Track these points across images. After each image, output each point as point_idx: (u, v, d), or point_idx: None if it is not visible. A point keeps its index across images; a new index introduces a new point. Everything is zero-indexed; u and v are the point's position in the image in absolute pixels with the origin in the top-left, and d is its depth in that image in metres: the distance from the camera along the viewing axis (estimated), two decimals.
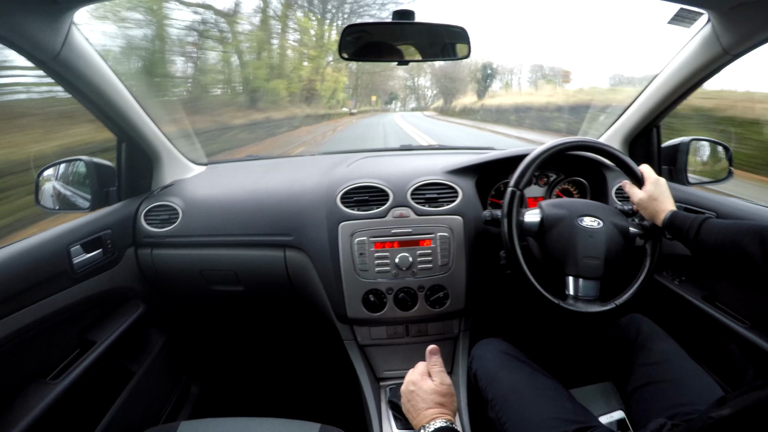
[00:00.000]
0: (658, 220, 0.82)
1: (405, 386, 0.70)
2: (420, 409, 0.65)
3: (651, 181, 0.85)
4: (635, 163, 0.88)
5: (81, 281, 0.91)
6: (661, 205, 0.82)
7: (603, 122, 1.36)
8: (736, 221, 0.72)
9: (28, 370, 0.80)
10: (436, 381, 0.68)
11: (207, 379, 1.49)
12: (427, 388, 0.67)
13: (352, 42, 0.88)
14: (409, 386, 0.69)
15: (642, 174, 0.86)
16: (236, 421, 0.76)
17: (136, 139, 1.10)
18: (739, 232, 0.68)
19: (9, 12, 0.67)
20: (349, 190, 1.05)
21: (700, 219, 0.75)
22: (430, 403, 0.65)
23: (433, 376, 0.69)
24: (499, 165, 1.11)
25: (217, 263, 1.10)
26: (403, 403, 0.70)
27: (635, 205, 0.87)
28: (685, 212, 0.79)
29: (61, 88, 0.89)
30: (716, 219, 0.75)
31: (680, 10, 0.87)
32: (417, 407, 0.66)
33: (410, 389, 0.69)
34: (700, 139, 1.16)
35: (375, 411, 1.02)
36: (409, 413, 0.67)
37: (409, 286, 1.01)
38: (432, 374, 0.70)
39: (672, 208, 0.82)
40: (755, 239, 0.65)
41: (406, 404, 0.69)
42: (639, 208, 0.86)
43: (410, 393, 0.68)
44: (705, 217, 0.75)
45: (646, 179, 0.86)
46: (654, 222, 0.84)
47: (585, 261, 0.83)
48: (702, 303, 0.95)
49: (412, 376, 0.71)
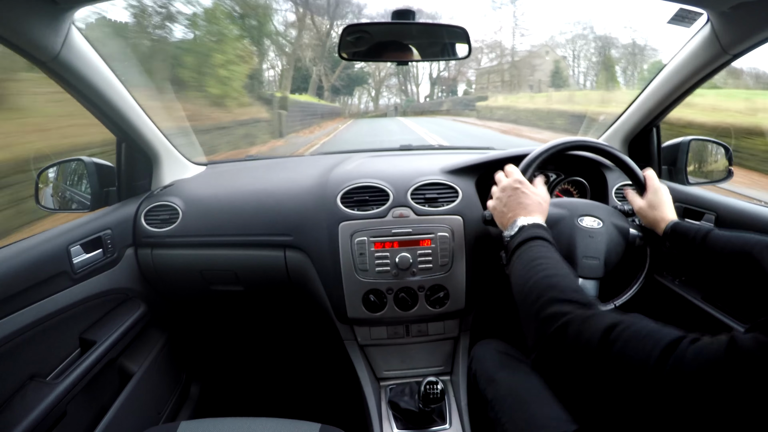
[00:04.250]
0: (658, 229, 0.83)
1: (508, 183, 0.76)
2: (523, 205, 0.72)
3: (653, 189, 0.85)
4: (636, 163, 0.88)
5: (81, 281, 0.91)
6: (661, 214, 0.82)
7: (603, 122, 1.36)
8: (741, 234, 0.72)
9: (27, 370, 0.80)
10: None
11: (207, 379, 1.49)
12: (536, 192, 0.75)
13: (353, 42, 0.88)
14: (513, 183, 0.76)
15: (645, 180, 0.87)
16: (236, 421, 0.76)
17: (135, 140, 1.10)
18: (747, 243, 0.69)
19: (9, 12, 0.67)
20: (349, 190, 1.05)
21: (704, 229, 0.75)
22: (533, 204, 0.72)
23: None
24: (499, 165, 1.11)
25: (217, 263, 1.10)
26: (500, 197, 0.76)
27: (636, 212, 0.87)
28: (688, 223, 0.79)
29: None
30: (719, 231, 0.75)
31: (680, 9, 0.87)
32: (519, 202, 0.73)
33: (515, 186, 0.75)
34: (700, 139, 1.16)
35: (375, 411, 1.02)
36: (507, 206, 0.74)
37: (409, 286, 1.01)
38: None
39: (673, 218, 0.82)
40: (766, 250, 0.65)
41: (507, 200, 0.75)
42: (639, 215, 0.86)
43: (514, 190, 0.75)
44: (709, 228, 0.76)
45: (648, 187, 0.86)
46: (654, 230, 0.84)
47: (585, 261, 0.83)
48: (702, 303, 0.95)
49: (514, 176, 0.78)
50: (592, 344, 0.43)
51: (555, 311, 0.49)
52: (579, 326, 0.45)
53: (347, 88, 30.27)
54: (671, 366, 0.37)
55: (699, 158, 1.18)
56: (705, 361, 0.35)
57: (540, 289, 0.54)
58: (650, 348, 0.39)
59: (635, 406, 0.39)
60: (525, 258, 0.62)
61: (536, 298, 0.53)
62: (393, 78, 34.95)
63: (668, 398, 0.36)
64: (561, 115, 13.50)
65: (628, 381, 0.39)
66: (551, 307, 0.50)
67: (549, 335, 0.47)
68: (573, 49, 27.46)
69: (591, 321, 0.45)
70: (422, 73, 36.49)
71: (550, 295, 0.52)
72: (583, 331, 0.45)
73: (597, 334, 0.43)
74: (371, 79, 33.24)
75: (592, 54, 26.31)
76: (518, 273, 0.60)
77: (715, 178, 1.15)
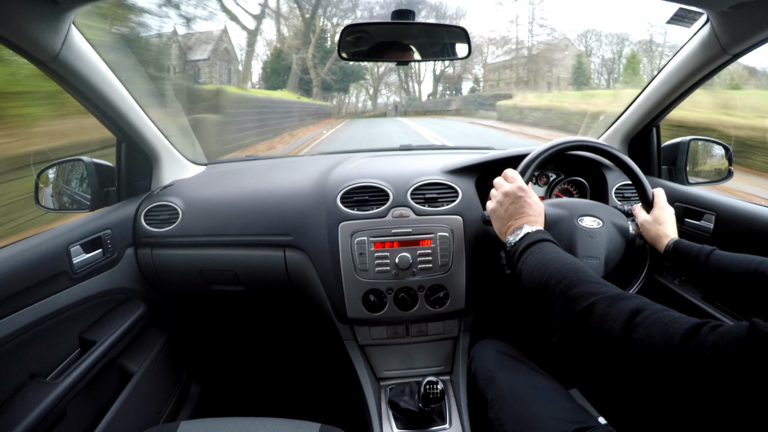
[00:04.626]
0: (659, 245, 0.83)
1: (511, 189, 0.76)
2: (526, 214, 0.73)
3: (660, 206, 0.86)
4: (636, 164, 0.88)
5: (81, 281, 0.91)
6: (664, 230, 0.83)
7: (603, 122, 1.36)
8: (745, 255, 0.72)
9: (27, 370, 0.80)
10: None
11: (207, 379, 1.49)
12: (537, 202, 0.76)
13: (352, 42, 0.88)
14: (517, 191, 0.75)
15: (654, 198, 0.87)
16: (236, 421, 0.76)
17: (135, 140, 1.10)
18: (753, 261, 0.69)
19: (9, 12, 0.67)
20: (349, 190, 1.05)
21: (707, 250, 0.76)
22: (536, 215, 0.73)
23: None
24: (499, 165, 1.11)
25: (217, 263, 1.10)
26: (501, 202, 0.76)
27: (639, 225, 0.88)
28: (689, 242, 0.80)
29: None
30: (722, 252, 0.75)
31: (680, 9, 0.87)
32: (523, 211, 0.73)
33: (519, 194, 0.75)
34: (699, 139, 1.16)
35: (375, 411, 1.02)
36: (509, 212, 0.75)
37: (409, 286, 1.01)
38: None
39: (674, 236, 0.82)
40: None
41: (508, 205, 0.75)
42: (642, 229, 0.87)
43: (518, 198, 0.75)
44: (712, 248, 0.76)
45: (656, 203, 0.86)
46: (654, 246, 0.85)
47: (585, 261, 0.83)
48: (702, 303, 0.95)
49: (517, 182, 0.77)
50: (617, 325, 0.43)
51: (583, 291, 0.49)
52: (606, 307, 0.46)
53: (341, 83, 26.86)
54: (693, 350, 0.37)
55: (699, 158, 1.18)
56: (726, 344, 0.36)
57: (564, 272, 0.54)
58: (672, 332, 0.39)
59: (655, 392, 0.39)
60: (538, 255, 0.62)
61: (560, 279, 0.53)
62: (393, 74, 31.88)
63: (689, 382, 0.36)
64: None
65: (649, 364, 0.39)
66: (579, 287, 0.50)
67: (577, 313, 0.47)
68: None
69: (619, 303, 0.46)
70: (424, 69, 34.44)
71: (577, 277, 0.52)
72: (610, 312, 0.45)
73: (623, 315, 0.43)
74: (369, 75, 30.08)
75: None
76: (533, 266, 0.61)
77: (715, 178, 1.15)
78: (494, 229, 0.79)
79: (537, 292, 0.57)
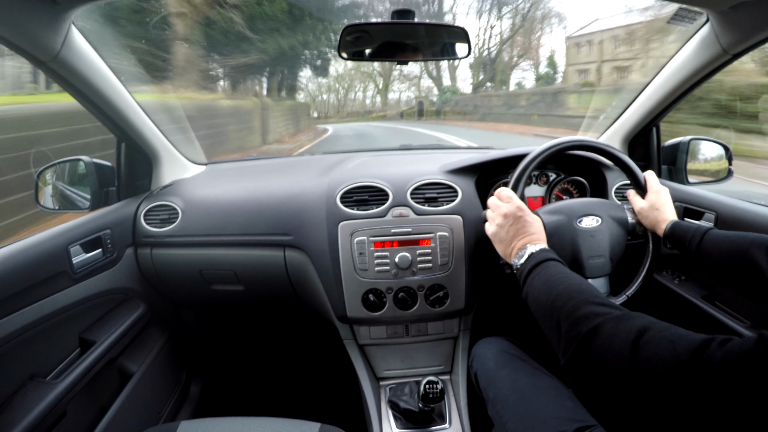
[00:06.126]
0: (658, 230, 0.83)
1: (510, 210, 0.75)
2: (528, 233, 0.73)
3: (654, 190, 0.85)
4: (636, 164, 0.88)
5: (81, 281, 0.91)
6: (662, 215, 0.83)
7: (602, 122, 1.36)
8: (738, 233, 0.72)
9: (27, 370, 0.80)
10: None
11: (207, 378, 1.49)
12: (535, 217, 0.76)
13: (352, 42, 0.88)
14: (516, 211, 0.75)
15: (646, 182, 0.87)
16: (236, 421, 0.76)
17: (135, 139, 1.10)
18: (743, 242, 0.69)
19: (9, 12, 0.67)
20: (348, 190, 1.05)
21: (702, 229, 0.76)
22: (538, 232, 0.73)
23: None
24: (498, 164, 1.11)
25: (217, 263, 1.10)
26: (501, 225, 0.76)
27: (636, 213, 0.87)
28: (687, 223, 0.80)
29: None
30: (718, 230, 0.75)
31: (680, 9, 0.88)
32: (525, 230, 0.73)
33: (518, 214, 0.74)
34: (699, 139, 1.16)
35: (375, 411, 1.02)
36: (510, 234, 0.74)
37: (408, 286, 1.01)
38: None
39: (673, 218, 0.82)
40: (761, 249, 0.66)
41: (509, 227, 0.74)
42: (640, 216, 0.87)
43: (517, 219, 0.74)
44: (707, 227, 0.76)
45: (649, 188, 0.86)
46: (654, 231, 0.85)
47: (591, 261, 0.83)
48: (702, 303, 0.95)
49: (513, 201, 0.76)
50: (625, 345, 0.43)
51: (589, 312, 0.49)
52: (614, 327, 0.46)
53: (320, 70, 16.38)
54: (701, 366, 0.37)
55: (699, 158, 1.18)
56: (735, 359, 0.36)
57: (570, 294, 0.55)
58: (680, 350, 0.39)
59: (665, 410, 0.39)
60: (544, 275, 0.62)
61: (566, 301, 0.53)
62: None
63: (699, 399, 0.36)
64: None
65: (659, 384, 0.39)
66: (585, 308, 0.50)
67: (584, 335, 0.47)
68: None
69: (625, 323, 0.45)
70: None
71: (583, 298, 0.52)
72: (618, 332, 0.45)
73: (630, 335, 0.43)
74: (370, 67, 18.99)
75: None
76: (539, 287, 0.61)
77: (715, 177, 1.15)
78: (498, 252, 0.78)
79: (544, 315, 0.57)
